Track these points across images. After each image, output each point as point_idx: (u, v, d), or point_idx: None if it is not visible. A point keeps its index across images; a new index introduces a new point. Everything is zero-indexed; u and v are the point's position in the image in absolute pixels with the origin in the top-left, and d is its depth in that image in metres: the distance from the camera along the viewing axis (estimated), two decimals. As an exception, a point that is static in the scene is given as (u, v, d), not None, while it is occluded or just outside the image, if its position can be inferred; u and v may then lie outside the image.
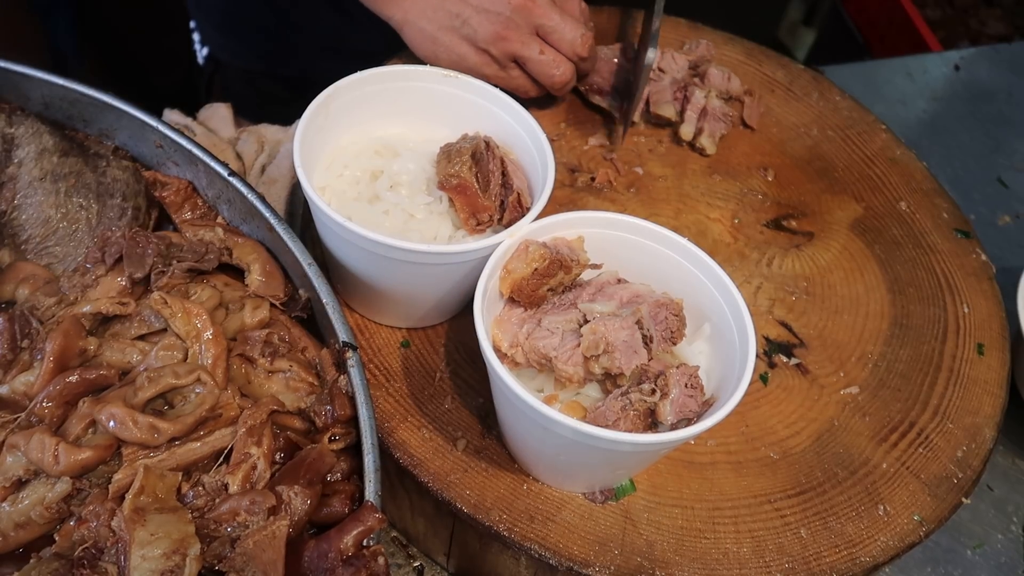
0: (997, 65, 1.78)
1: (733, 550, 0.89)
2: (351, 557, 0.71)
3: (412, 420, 0.93)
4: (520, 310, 0.87)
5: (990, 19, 2.95)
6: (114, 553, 0.68)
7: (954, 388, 1.05)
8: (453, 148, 0.93)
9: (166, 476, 0.73)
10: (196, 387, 0.79)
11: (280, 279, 0.90)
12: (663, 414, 0.78)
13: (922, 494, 0.96)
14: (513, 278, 0.85)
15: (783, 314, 1.09)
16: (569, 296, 0.87)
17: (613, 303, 0.84)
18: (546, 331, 0.83)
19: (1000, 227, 1.49)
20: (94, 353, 0.81)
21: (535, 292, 0.85)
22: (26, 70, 0.94)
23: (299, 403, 0.83)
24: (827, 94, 1.36)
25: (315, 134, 0.92)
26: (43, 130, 0.91)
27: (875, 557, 0.90)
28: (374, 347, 0.98)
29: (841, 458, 0.97)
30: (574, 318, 0.84)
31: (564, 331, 0.83)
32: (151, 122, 0.94)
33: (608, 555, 0.86)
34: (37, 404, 0.76)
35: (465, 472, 0.90)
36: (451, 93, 0.99)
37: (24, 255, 0.89)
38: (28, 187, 0.89)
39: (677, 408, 0.78)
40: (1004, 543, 1.11)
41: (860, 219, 1.21)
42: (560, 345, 0.82)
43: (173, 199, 0.95)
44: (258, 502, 0.71)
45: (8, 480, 0.73)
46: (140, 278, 0.85)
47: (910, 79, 1.74)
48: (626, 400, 0.79)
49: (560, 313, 0.85)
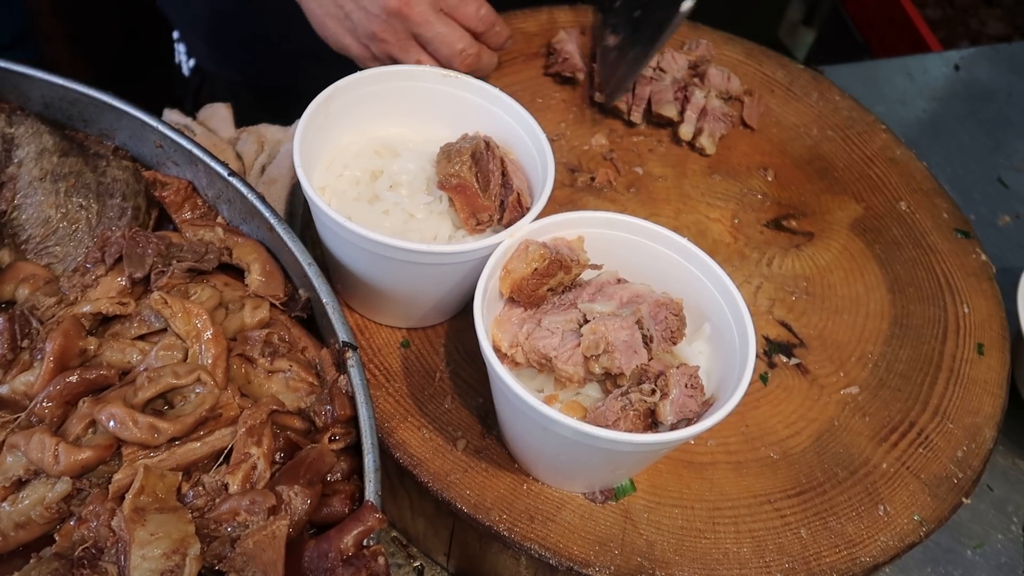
0: (997, 65, 1.78)
1: (733, 550, 0.89)
2: (351, 557, 0.71)
3: (412, 420, 0.93)
4: (520, 310, 0.87)
5: (990, 19, 2.95)
6: (114, 553, 0.68)
7: (954, 388, 1.05)
8: (453, 148, 0.93)
9: (166, 476, 0.73)
10: (196, 387, 0.79)
11: (280, 279, 0.90)
12: (663, 414, 0.78)
13: (922, 494, 0.96)
14: (513, 278, 0.85)
15: (783, 314, 1.09)
16: (569, 296, 0.87)
17: (613, 303, 0.84)
18: (546, 331, 0.83)
19: (1000, 227, 1.49)
20: (94, 353, 0.81)
21: (535, 292, 0.85)
22: (26, 70, 0.94)
23: (299, 403, 0.83)
24: (827, 94, 1.36)
25: (315, 134, 0.92)
26: (43, 130, 0.91)
27: (875, 557, 0.90)
28: (374, 347, 0.98)
29: (841, 458, 0.97)
30: (574, 318, 0.84)
31: (564, 331, 0.83)
32: (151, 122, 0.94)
33: (608, 555, 0.86)
34: (37, 404, 0.76)
35: (465, 472, 0.90)
36: (451, 93, 0.99)
37: (24, 255, 0.89)
38: (28, 187, 0.89)
39: (677, 408, 0.78)
40: (1004, 543, 1.11)
41: (860, 219, 1.21)
42: (560, 345, 0.82)
43: (173, 199, 0.95)
44: (258, 502, 0.71)
45: (8, 480, 0.73)
46: (140, 278, 0.85)
47: (910, 79, 1.74)
48: (626, 400, 0.79)
49: (560, 313, 0.85)
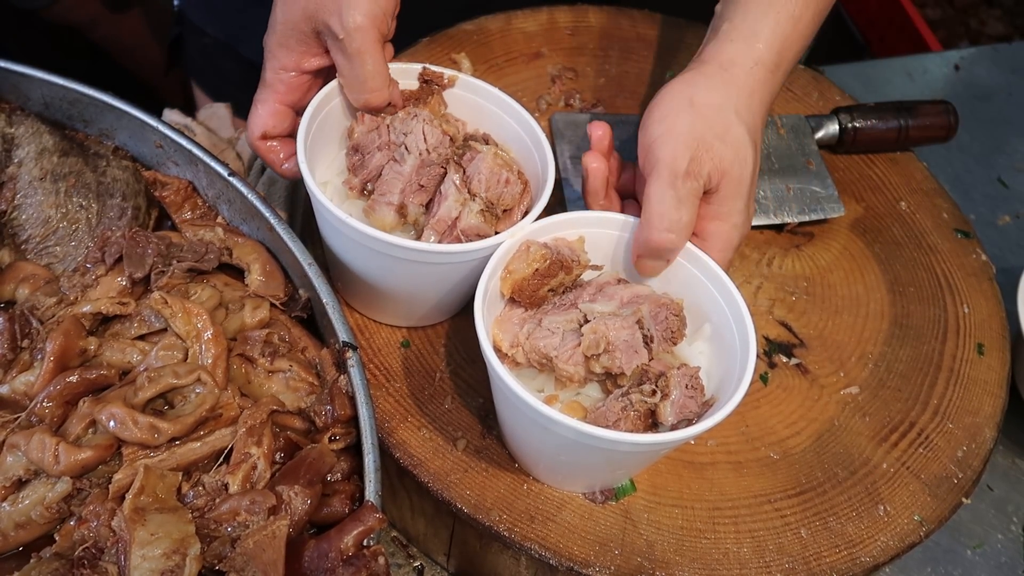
0: (997, 65, 1.78)
1: (733, 550, 0.89)
2: (351, 557, 0.71)
3: (412, 420, 0.93)
4: (521, 310, 0.87)
5: (990, 19, 2.96)
6: (114, 553, 0.68)
7: (954, 388, 1.05)
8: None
9: (166, 476, 0.73)
10: (196, 387, 0.79)
11: (280, 279, 0.90)
12: (664, 415, 0.78)
13: (922, 494, 0.96)
14: (514, 278, 0.85)
15: (783, 314, 1.09)
16: (570, 296, 0.87)
17: (614, 303, 0.84)
18: (547, 331, 0.83)
19: (1000, 227, 1.49)
20: (94, 353, 0.81)
21: (536, 292, 0.85)
22: (26, 70, 0.94)
23: (299, 403, 0.83)
24: (827, 94, 1.36)
25: (318, 130, 0.92)
26: (43, 130, 0.91)
27: (875, 557, 0.90)
28: (374, 347, 0.98)
29: (841, 458, 0.97)
30: (575, 318, 0.84)
31: (565, 331, 0.83)
32: (151, 122, 0.94)
33: (608, 555, 0.86)
34: (37, 404, 0.76)
35: (465, 472, 0.90)
36: (452, 92, 0.99)
37: (24, 255, 0.89)
38: (28, 187, 0.89)
39: (678, 409, 0.78)
40: (1004, 543, 1.11)
41: (860, 219, 1.21)
42: (561, 345, 0.82)
43: (173, 199, 0.95)
44: (258, 502, 0.71)
45: (8, 480, 0.73)
46: (140, 278, 0.85)
47: (910, 79, 1.74)
48: (627, 401, 0.79)
49: (561, 313, 0.85)
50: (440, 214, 0.88)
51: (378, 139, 0.92)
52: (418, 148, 0.90)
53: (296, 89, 0.95)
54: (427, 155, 0.90)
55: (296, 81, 0.94)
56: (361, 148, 0.93)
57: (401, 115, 0.92)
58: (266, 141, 0.96)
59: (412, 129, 0.90)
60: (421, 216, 0.91)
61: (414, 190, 0.90)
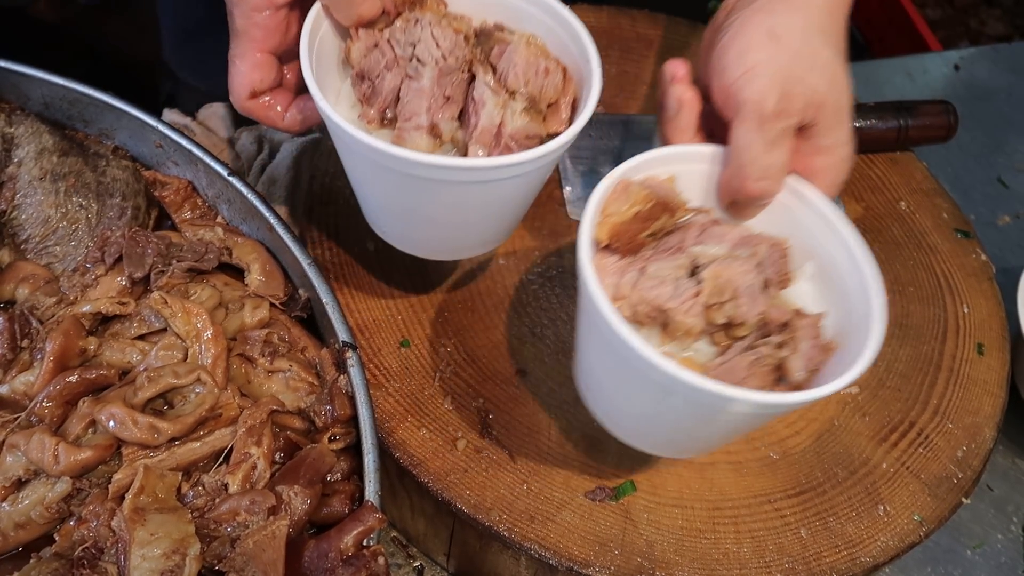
0: (997, 65, 1.78)
1: (733, 550, 0.89)
2: (351, 557, 0.71)
3: (412, 420, 0.93)
4: (616, 258, 0.76)
5: (990, 19, 2.96)
6: (114, 553, 0.68)
7: (954, 388, 1.05)
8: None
9: (166, 476, 0.73)
10: (196, 387, 0.79)
11: (280, 279, 0.90)
12: (793, 368, 0.70)
13: (922, 494, 0.96)
14: (612, 222, 0.74)
15: (783, 314, 1.09)
16: (673, 240, 0.77)
17: (725, 245, 0.75)
18: (654, 279, 0.73)
19: (1000, 227, 1.49)
20: (94, 353, 0.81)
21: (635, 238, 0.75)
22: (26, 70, 0.94)
23: (299, 403, 0.83)
24: (827, 94, 1.35)
25: (316, 62, 0.80)
26: (43, 130, 0.92)
27: (875, 557, 0.90)
28: (374, 347, 0.98)
29: (841, 458, 0.97)
30: (683, 264, 0.74)
31: (676, 278, 0.74)
32: (151, 122, 0.94)
33: (608, 555, 0.86)
34: (37, 404, 0.76)
35: (465, 472, 0.90)
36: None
37: (24, 255, 0.89)
38: (28, 187, 0.89)
39: (806, 361, 0.70)
40: (1004, 543, 1.11)
41: (860, 219, 1.21)
42: (675, 294, 0.72)
43: (173, 199, 0.95)
44: (258, 502, 0.72)
45: (8, 480, 0.73)
46: (140, 278, 0.85)
47: (910, 79, 1.74)
48: (755, 354, 0.70)
49: (667, 259, 0.75)
50: (482, 124, 0.77)
51: (383, 58, 0.80)
52: (432, 56, 0.78)
53: (275, 31, 0.83)
54: (444, 62, 0.78)
55: (272, 21, 0.82)
56: (367, 73, 0.81)
57: (399, 24, 0.80)
58: (257, 99, 0.86)
59: (419, 37, 0.78)
60: (457, 132, 0.80)
61: (441, 104, 0.79)
